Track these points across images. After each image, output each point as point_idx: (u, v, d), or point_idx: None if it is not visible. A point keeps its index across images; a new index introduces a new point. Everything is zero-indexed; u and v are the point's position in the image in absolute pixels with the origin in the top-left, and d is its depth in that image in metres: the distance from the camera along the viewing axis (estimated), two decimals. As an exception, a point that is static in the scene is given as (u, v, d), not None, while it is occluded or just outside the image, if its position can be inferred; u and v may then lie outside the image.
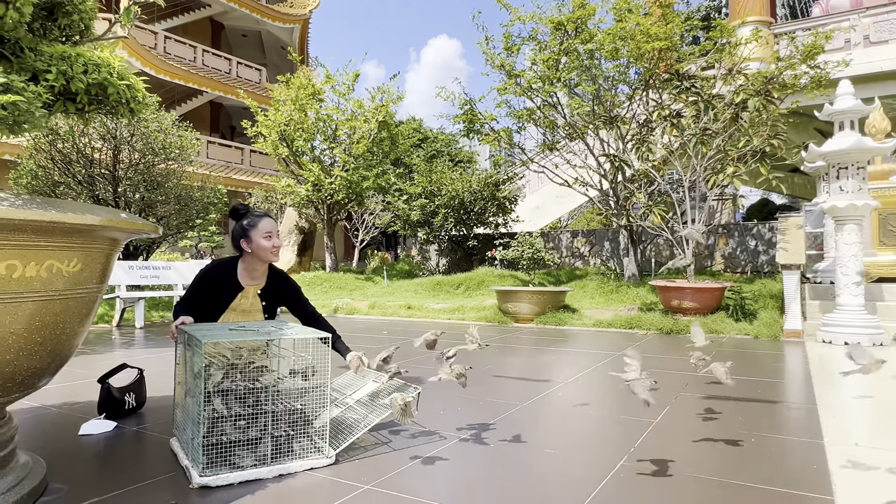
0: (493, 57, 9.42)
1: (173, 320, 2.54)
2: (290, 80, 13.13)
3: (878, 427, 2.87)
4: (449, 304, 9.34)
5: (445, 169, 12.91)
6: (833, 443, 2.51)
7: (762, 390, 3.62)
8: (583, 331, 6.90)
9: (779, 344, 5.67)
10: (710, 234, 10.40)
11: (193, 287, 2.68)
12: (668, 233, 7.36)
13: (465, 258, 12.94)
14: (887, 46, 12.31)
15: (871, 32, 12.53)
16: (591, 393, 3.59)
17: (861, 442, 2.53)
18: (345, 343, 2.76)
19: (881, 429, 2.84)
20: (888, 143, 5.79)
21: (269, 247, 2.68)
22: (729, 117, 6.53)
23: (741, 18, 10.44)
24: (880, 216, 7.08)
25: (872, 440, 2.59)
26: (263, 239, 2.67)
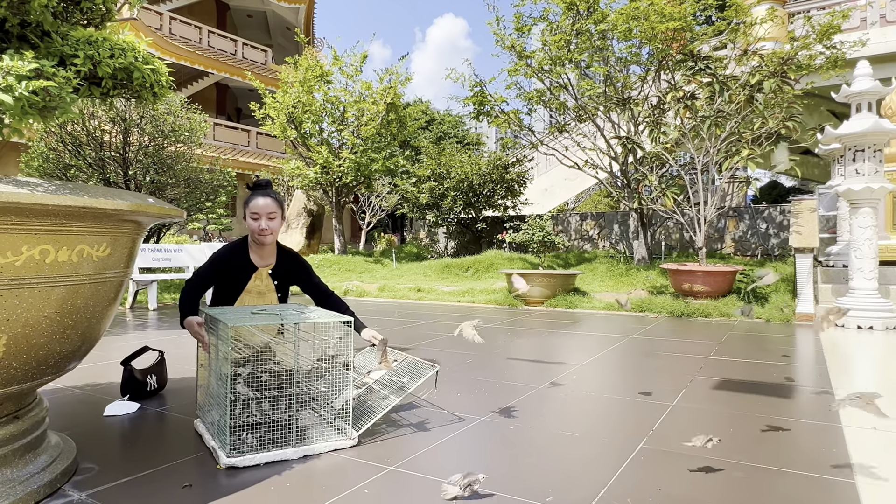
0: (503, 38, 9.32)
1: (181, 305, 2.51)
2: (298, 62, 13.04)
3: (894, 411, 2.88)
4: (458, 286, 9.36)
5: (454, 151, 12.85)
6: (852, 426, 2.52)
7: (777, 374, 3.63)
8: (593, 314, 6.91)
9: (791, 328, 5.67)
10: (720, 217, 10.35)
11: (206, 268, 2.62)
12: (679, 215, 7.33)
13: (474, 241, 12.93)
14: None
15: (888, 11, 12.29)
16: (605, 375, 3.61)
17: (880, 426, 2.54)
18: (360, 319, 2.74)
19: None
20: (906, 125, 5.70)
21: (255, 228, 2.60)
22: (743, 99, 6.45)
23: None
24: (895, 199, 7.03)
25: (891, 424, 2.59)
26: (250, 219, 2.61)
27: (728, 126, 6.70)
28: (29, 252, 1.53)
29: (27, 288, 1.56)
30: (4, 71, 1.37)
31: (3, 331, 1.53)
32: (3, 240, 1.47)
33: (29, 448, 1.84)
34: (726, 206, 10.05)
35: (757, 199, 22.51)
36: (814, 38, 7.96)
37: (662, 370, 3.73)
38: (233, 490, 1.88)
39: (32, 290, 1.58)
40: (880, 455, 2.21)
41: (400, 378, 2.61)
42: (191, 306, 2.53)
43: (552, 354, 4.37)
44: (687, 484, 1.93)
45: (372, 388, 2.63)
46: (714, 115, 6.42)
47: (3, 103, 1.38)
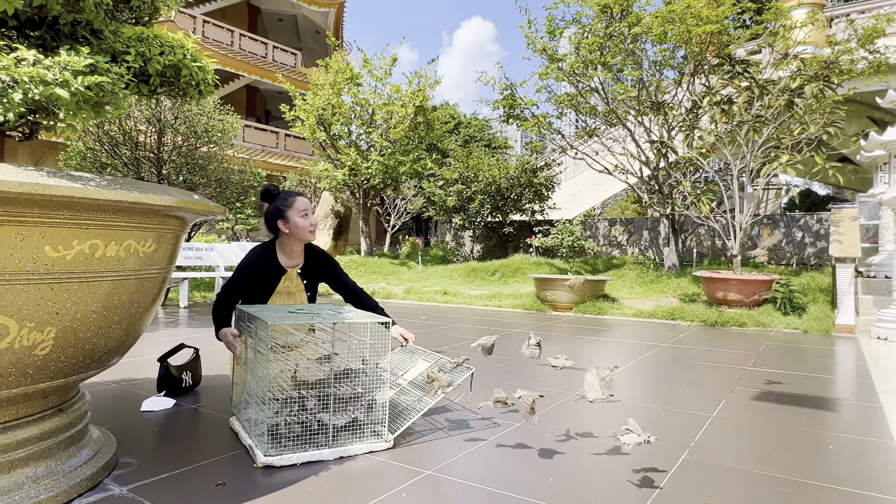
0: (534, 41, 9.26)
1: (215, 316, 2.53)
2: (329, 64, 13.16)
3: (949, 429, 2.75)
4: (485, 290, 9.31)
5: (482, 155, 12.82)
6: (905, 444, 2.41)
7: (819, 386, 3.50)
8: (623, 321, 6.80)
9: (830, 339, 5.50)
10: (754, 225, 10.12)
11: (237, 277, 2.63)
12: (713, 222, 7.18)
13: (500, 245, 12.87)
14: (950, 30, 11.69)
15: (933, 15, 11.90)
16: (641, 384, 3.53)
17: (936, 444, 2.42)
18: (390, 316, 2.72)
19: (953, 431, 2.71)
20: (955, 132, 5.50)
21: (307, 225, 2.64)
22: (783, 104, 6.29)
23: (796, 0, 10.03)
24: (941, 209, 6.77)
25: (947, 442, 2.48)
26: (300, 217, 2.63)
27: (766, 131, 6.54)
28: (79, 246, 1.54)
29: (76, 282, 1.58)
30: (62, 66, 1.39)
31: (53, 324, 1.54)
32: (55, 234, 1.48)
33: (72, 441, 1.86)
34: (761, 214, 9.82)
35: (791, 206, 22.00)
36: (856, 43, 7.74)
37: (699, 380, 3.64)
38: (270, 490, 1.87)
39: (81, 284, 1.59)
40: (939, 475, 2.11)
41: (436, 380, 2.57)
42: (225, 317, 2.56)
43: (584, 361, 4.30)
44: (733, 498, 1.86)
45: (406, 390, 2.61)
46: (753, 119, 6.28)
47: (59, 98, 1.39)
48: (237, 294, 2.63)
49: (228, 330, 2.49)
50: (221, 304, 2.57)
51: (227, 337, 2.47)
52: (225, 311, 2.57)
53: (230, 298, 2.60)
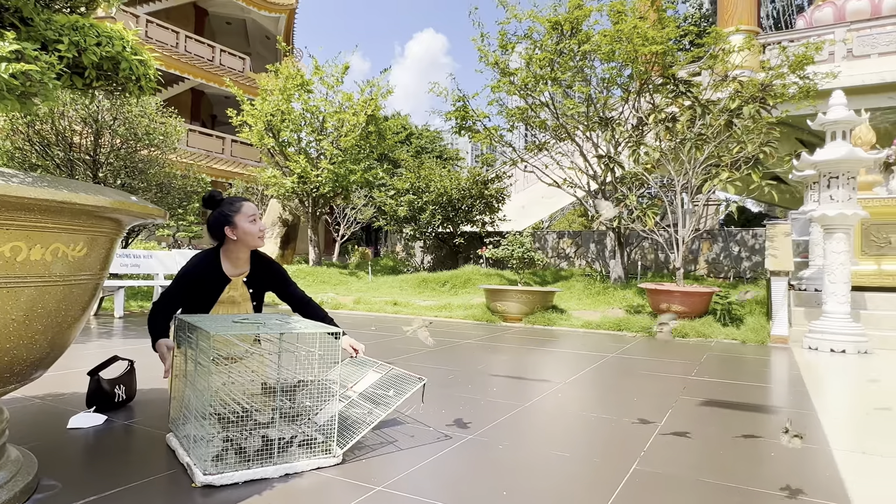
0: (487, 54, 9.37)
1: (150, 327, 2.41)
2: (279, 70, 12.93)
3: (882, 434, 2.89)
4: (435, 301, 9.27)
5: (434, 166, 12.83)
6: (841, 449, 2.51)
7: (759, 395, 3.63)
8: (572, 331, 6.89)
9: (766, 349, 5.73)
10: (695, 239, 10.51)
11: (176, 287, 2.49)
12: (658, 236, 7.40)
13: (451, 255, 12.88)
14: (870, 60, 12.57)
15: (855, 46, 12.78)
16: (590, 394, 3.56)
17: (868, 450, 2.53)
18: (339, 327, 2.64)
19: (885, 435, 2.85)
20: (878, 154, 5.88)
21: (255, 231, 2.56)
22: (723, 123, 6.57)
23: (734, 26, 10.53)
24: (863, 226, 7.20)
25: (880, 447, 2.59)
26: (249, 223, 2.54)
27: (707, 149, 6.81)
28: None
29: (-6, 288, 1.44)
30: (-18, 51, 1.26)
31: (-34, 334, 1.40)
32: (-29, 234, 1.34)
33: (-14, 463, 1.69)
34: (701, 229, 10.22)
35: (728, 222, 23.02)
36: (787, 69, 8.19)
37: (646, 390, 3.70)
38: (210, 511, 1.75)
39: (0, 290, 1.45)
40: (869, 477, 2.19)
41: (385, 391, 2.51)
42: (162, 327, 2.42)
43: (535, 372, 4.31)
44: (686, 508, 1.87)
45: (356, 402, 2.52)
46: (695, 137, 6.53)
47: (-22, 85, 1.26)
48: (176, 303, 2.49)
49: (164, 341, 2.36)
50: (158, 313, 2.43)
51: (162, 348, 2.34)
52: (162, 320, 2.43)
53: (168, 308, 2.46)
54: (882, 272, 7.06)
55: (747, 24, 13.13)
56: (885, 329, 6.11)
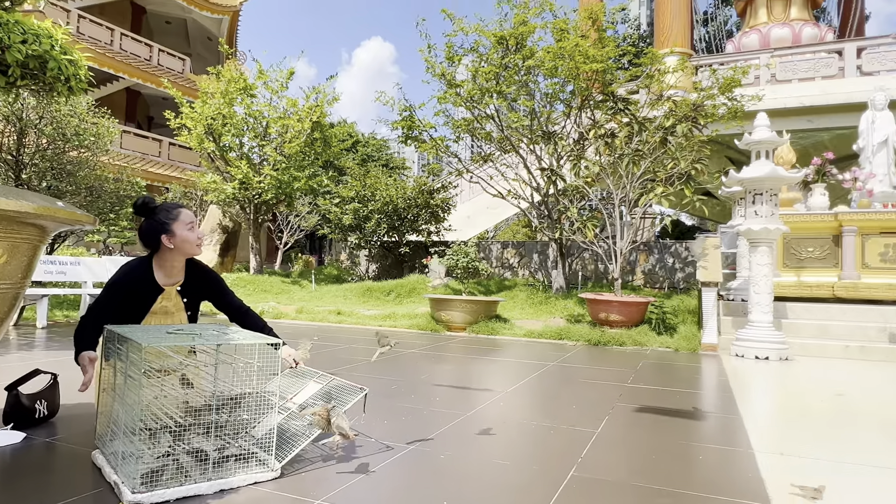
0: (434, 65, 9.45)
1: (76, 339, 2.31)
2: (221, 73, 12.60)
3: (799, 436, 3.07)
4: (380, 310, 9.21)
5: (380, 174, 12.79)
6: (762, 451, 2.65)
7: (689, 401, 3.79)
8: (515, 341, 6.99)
9: (697, 357, 5.99)
10: (632, 251, 10.89)
11: (105, 298, 2.38)
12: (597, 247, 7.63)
13: (396, 264, 12.84)
14: (790, 85, 13.44)
15: (778, 71, 13.64)
16: (531, 402, 3.63)
17: (786, 451, 2.69)
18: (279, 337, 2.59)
19: (802, 437, 3.03)
20: (798, 173, 6.29)
21: (194, 239, 2.48)
22: (658, 140, 6.88)
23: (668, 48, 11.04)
24: (784, 240, 7.68)
25: (796, 448, 2.76)
26: (187, 230, 2.46)
27: (643, 164, 7.11)
28: None
29: None
30: None
31: None
32: None
33: None
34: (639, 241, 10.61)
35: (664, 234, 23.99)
36: (717, 90, 8.66)
37: (584, 398, 3.80)
38: (138, 531, 1.68)
39: None
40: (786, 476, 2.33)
41: (326, 402, 2.47)
42: (90, 340, 2.32)
43: (478, 381, 4.35)
44: (619, 512, 1.93)
45: (295, 414, 2.48)
46: (632, 153, 6.80)
47: None
48: (105, 314, 2.38)
49: (87, 353, 2.24)
50: (85, 325, 2.32)
51: (84, 360, 2.23)
52: (91, 333, 2.32)
53: (96, 319, 2.35)
54: (801, 283, 7.54)
55: (681, 47, 13.80)
56: (804, 337, 6.51)
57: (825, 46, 14.02)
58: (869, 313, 6.75)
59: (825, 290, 7.41)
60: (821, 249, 7.66)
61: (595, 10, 8.78)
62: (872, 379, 4.98)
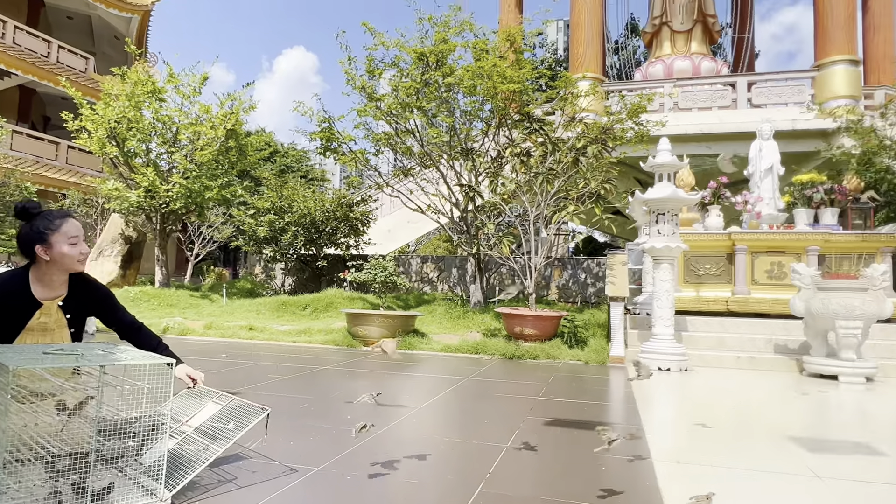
0: (354, 78, 9.39)
1: None
2: (127, 74, 11.91)
3: (695, 445, 3.24)
4: (295, 325, 8.94)
5: (298, 185, 12.50)
6: (661, 460, 2.77)
7: (596, 412, 3.92)
8: (432, 355, 6.99)
9: (606, 369, 6.23)
10: (547, 266, 11.24)
11: None
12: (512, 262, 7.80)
13: (314, 278, 12.55)
14: (690, 113, 14.44)
15: (680, 100, 14.63)
16: (444, 418, 3.62)
17: (683, 459, 2.83)
18: (176, 355, 2.43)
19: (698, 446, 3.20)
20: (696, 195, 6.74)
21: (75, 254, 2.25)
22: (570, 160, 7.17)
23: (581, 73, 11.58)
24: (685, 258, 8.19)
25: (692, 457, 2.91)
26: (68, 245, 2.24)
27: (557, 183, 7.37)
28: None
29: None
30: None
31: None
32: None
33: None
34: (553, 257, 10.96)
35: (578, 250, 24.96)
36: (625, 115, 9.16)
37: (497, 412, 3.84)
38: (-3, 576, 1.50)
39: None
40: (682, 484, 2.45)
41: (225, 424, 2.34)
42: None
43: (391, 397, 4.30)
44: (523, 527, 1.95)
45: (191, 438, 2.33)
46: (546, 172, 7.04)
47: None
48: None
49: None
50: None
51: None
52: None
53: None
54: (700, 298, 8.04)
55: (593, 72, 14.51)
56: (702, 349, 6.93)
57: (721, 79, 15.20)
58: (758, 326, 7.30)
59: (720, 305, 7.95)
60: (717, 266, 8.23)
61: (513, 32, 9.08)
62: (760, 388, 5.37)
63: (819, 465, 2.77)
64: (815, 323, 6.00)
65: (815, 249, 7.85)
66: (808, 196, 8.32)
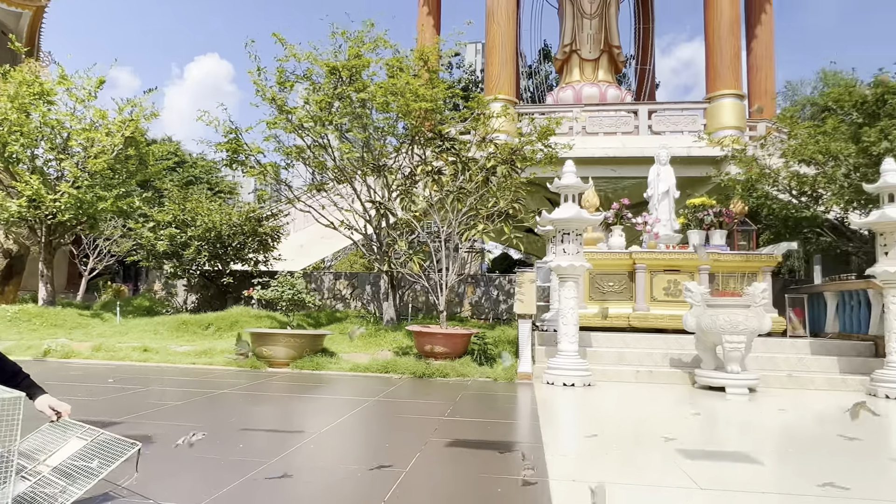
0: (264, 89, 9.11)
1: None
2: (10, 73, 10.94)
3: (591, 461, 3.32)
4: (196, 346, 8.44)
5: (202, 198, 11.90)
6: (557, 479, 2.80)
7: (498, 432, 3.94)
8: (340, 375, 6.81)
9: (513, 386, 6.31)
10: (461, 283, 11.33)
11: None
12: (424, 280, 7.79)
13: (219, 296, 11.95)
14: (597, 137, 15.17)
15: (588, 125, 15.34)
16: (344, 443, 3.50)
17: (577, 477, 2.88)
18: (37, 384, 2.20)
19: (594, 463, 3.28)
20: (599, 216, 7.03)
21: None
22: (481, 179, 7.28)
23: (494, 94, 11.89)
24: (591, 275, 8.51)
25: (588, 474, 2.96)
26: None
27: (468, 202, 7.46)
28: None
29: None
30: None
31: None
32: None
33: None
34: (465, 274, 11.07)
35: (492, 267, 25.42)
36: (535, 137, 9.46)
37: (400, 434, 3.77)
38: None
39: None
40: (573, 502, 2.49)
41: (88, 462, 2.12)
42: None
43: (292, 422, 4.12)
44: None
45: (47, 480, 2.09)
46: (457, 191, 7.11)
47: None
48: None
49: None
50: None
51: None
52: None
53: None
54: (604, 314, 8.36)
55: (507, 94, 14.93)
56: (605, 364, 7.19)
57: (625, 107, 16.11)
58: (656, 341, 7.68)
59: (622, 321, 8.31)
60: (619, 284, 8.62)
61: (426, 52, 9.17)
62: (655, 401, 5.62)
63: (703, 476, 2.90)
64: (705, 338, 6.39)
65: (706, 269, 8.40)
66: (700, 218, 8.91)
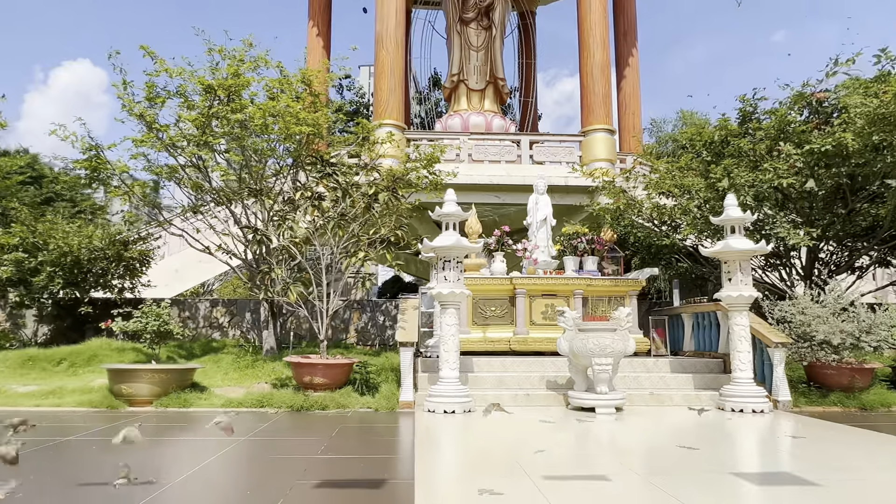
0: (131, 104, 8.47)
1: None
2: None
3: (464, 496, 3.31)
4: (43, 385, 7.53)
5: (59, 218, 10.78)
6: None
7: (371, 469, 3.84)
8: (210, 413, 6.33)
9: (395, 416, 6.23)
10: (346, 309, 11.10)
11: None
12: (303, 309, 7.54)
13: (76, 327, 10.80)
14: (482, 165, 15.68)
15: (474, 152, 15.81)
16: (199, 496, 3.24)
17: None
18: None
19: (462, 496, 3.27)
20: (479, 244, 7.20)
21: None
22: (363, 206, 7.22)
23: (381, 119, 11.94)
24: (474, 301, 8.68)
25: None
26: None
27: (350, 229, 7.35)
28: None
29: None
30: None
31: None
32: None
33: None
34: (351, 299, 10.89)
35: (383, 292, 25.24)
36: (421, 164, 9.57)
37: (265, 479, 3.56)
38: None
39: None
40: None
41: None
42: None
43: (144, 471, 3.74)
44: None
45: None
46: (338, 217, 6.98)
47: None
48: None
49: None
50: None
51: None
52: None
53: None
54: (487, 339, 8.55)
55: (396, 120, 15.02)
56: (485, 388, 7.31)
57: (509, 137, 16.80)
58: (534, 364, 7.94)
59: (504, 345, 8.53)
60: (501, 309, 8.85)
61: (309, 74, 9.01)
62: (530, 424, 5.77)
63: (564, 499, 2.99)
64: (578, 360, 6.71)
65: (579, 293, 8.87)
66: (574, 245, 9.41)
